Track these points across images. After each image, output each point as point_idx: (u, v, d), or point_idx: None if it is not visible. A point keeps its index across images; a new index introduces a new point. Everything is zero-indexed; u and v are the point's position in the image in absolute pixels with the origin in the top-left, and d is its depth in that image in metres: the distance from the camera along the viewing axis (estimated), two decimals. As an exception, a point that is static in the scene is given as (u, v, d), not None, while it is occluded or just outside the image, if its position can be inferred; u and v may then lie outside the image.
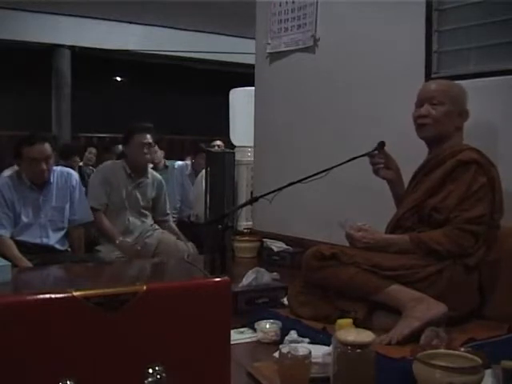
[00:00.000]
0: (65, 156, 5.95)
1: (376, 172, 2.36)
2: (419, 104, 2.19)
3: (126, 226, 3.47)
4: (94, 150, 6.80)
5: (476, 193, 2.00)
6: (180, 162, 5.44)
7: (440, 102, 2.13)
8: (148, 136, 3.50)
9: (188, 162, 5.58)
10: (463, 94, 2.19)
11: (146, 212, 3.59)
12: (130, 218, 3.49)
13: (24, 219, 3.14)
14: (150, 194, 3.56)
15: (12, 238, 3.09)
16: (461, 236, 1.97)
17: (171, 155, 6.61)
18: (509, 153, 2.30)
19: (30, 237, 3.16)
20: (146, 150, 3.47)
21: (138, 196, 3.52)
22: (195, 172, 5.13)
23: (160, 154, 5.35)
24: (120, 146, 6.04)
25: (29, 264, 2.97)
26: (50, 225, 3.22)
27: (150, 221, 3.62)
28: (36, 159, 3.09)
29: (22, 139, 3.20)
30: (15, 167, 3.30)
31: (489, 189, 2.02)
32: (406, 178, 2.30)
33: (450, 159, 2.08)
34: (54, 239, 3.22)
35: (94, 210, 3.41)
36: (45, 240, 3.19)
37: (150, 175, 3.59)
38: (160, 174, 3.84)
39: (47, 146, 3.13)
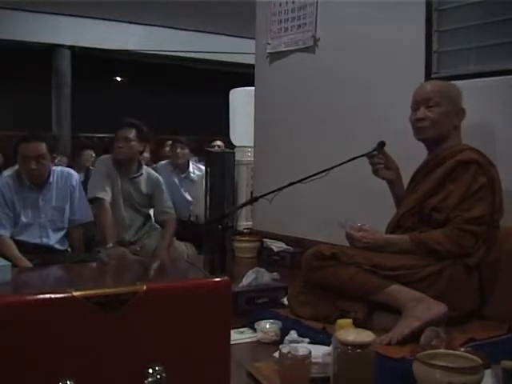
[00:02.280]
0: (78, 150, 5.97)
1: (375, 172, 2.35)
2: (415, 107, 2.18)
3: (123, 220, 3.47)
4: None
5: (476, 193, 2.00)
6: (162, 162, 5.31)
7: (436, 103, 2.12)
8: (128, 130, 3.47)
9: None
10: (458, 93, 2.18)
11: (145, 210, 3.58)
12: (126, 213, 3.48)
13: (24, 219, 3.14)
14: (144, 191, 3.55)
15: (12, 237, 3.09)
16: (461, 236, 1.97)
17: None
18: (509, 153, 2.30)
19: (29, 237, 3.15)
20: (120, 144, 3.45)
21: (132, 192, 3.51)
22: (175, 166, 4.92)
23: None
24: None
25: (29, 264, 2.97)
26: (49, 225, 3.22)
27: (150, 220, 3.61)
28: (28, 157, 3.08)
29: (20, 137, 3.21)
30: (16, 167, 3.30)
31: (489, 189, 2.02)
32: (407, 178, 2.30)
33: (450, 159, 2.08)
34: (54, 239, 3.22)
35: (98, 199, 3.36)
36: (45, 240, 3.19)
37: (144, 172, 3.57)
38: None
39: (42, 146, 3.12)
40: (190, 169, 4.96)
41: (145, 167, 3.64)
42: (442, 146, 2.15)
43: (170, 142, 6.09)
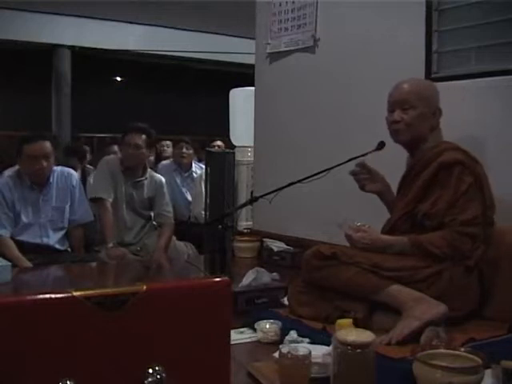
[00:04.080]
0: (71, 154, 5.98)
1: (362, 188, 2.34)
2: (391, 108, 2.17)
3: (124, 222, 3.47)
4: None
5: (465, 193, 1.98)
6: (164, 162, 5.32)
7: (411, 105, 2.10)
8: (138, 136, 3.44)
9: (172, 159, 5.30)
10: (434, 93, 2.16)
11: (146, 213, 3.57)
12: (127, 216, 3.48)
13: (24, 219, 3.15)
14: (146, 195, 3.54)
15: (12, 237, 3.09)
16: (459, 239, 1.96)
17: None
18: (508, 152, 2.30)
19: (30, 237, 3.16)
20: (131, 151, 3.43)
21: (134, 195, 3.50)
22: (179, 165, 4.97)
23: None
24: (115, 147, 6.03)
25: (29, 264, 2.97)
26: (50, 225, 3.22)
27: (150, 221, 3.61)
28: (36, 157, 3.10)
29: (23, 137, 3.21)
30: (16, 167, 3.31)
31: (477, 187, 2.01)
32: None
33: (434, 162, 2.05)
34: (54, 239, 3.22)
35: (100, 200, 3.36)
36: (45, 240, 3.19)
37: (148, 176, 3.56)
38: None
39: (47, 144, 3.15)
40: (193, 168, 4.97)
41: (149, 170, 3.62)
42: (421, 147, 2.13)
43: (167, 142, 6.12)
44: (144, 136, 3.47)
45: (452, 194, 1.98)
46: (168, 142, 6.12)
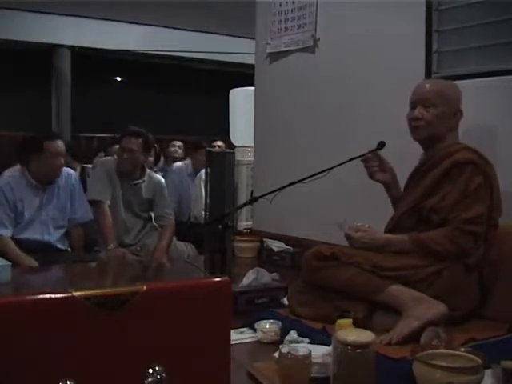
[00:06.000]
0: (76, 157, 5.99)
1: (371, 176, 2.35)
2: (412, 105, 2.18)
3: (123, 223, 3.46)
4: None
5: (473, 193, 1.99)
6: (178, 164, 5.33)
7: (433, 104, 2.11)
8: (133, 141, 3.41)
9: (187, 161, 5.46)
10: (457, 94, 2.17)
11: (144, 214, 3.55)
12: (126, 217, 3.47)
13: (26, 218, 3.15)
14: (145, 196, 3.51)
15: (13, 236, 3.09)
16: (460, 237, 1.97)
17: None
18: (509, 152, 2.30)
19: (31, 234, 3.16)
20: (125, 156, 3.41)
21: (132, 197, 3.47)
22: (196, 171, 5.00)
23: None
24: (117, 147, 6.02)
25: (33, 261, 2.97)
26: (51, 222, 3.23)
27: (150, 221, 3.60)
28: (58, 153, 3.18)
29: (40, 135, 3.25)
30: (17, 167, 3.29)
31: (486, 187, 2.02)
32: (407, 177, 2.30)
33: (446, 160, 2.07)
34: (54, 236, 3.23)
35: (97, 202, 3.36)
36: (46, 237, 3.20)
37: (146, 177, 3.52)
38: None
39: (63, 143, 3.24)
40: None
41: (148, 171, 3.57)
42: (436, 146, 2.14)
43: (178, 143, 6.06)
44: (140, 140, 3.43)
45: (461, 191, 2.00)
46: (180, 143, 6.04)
